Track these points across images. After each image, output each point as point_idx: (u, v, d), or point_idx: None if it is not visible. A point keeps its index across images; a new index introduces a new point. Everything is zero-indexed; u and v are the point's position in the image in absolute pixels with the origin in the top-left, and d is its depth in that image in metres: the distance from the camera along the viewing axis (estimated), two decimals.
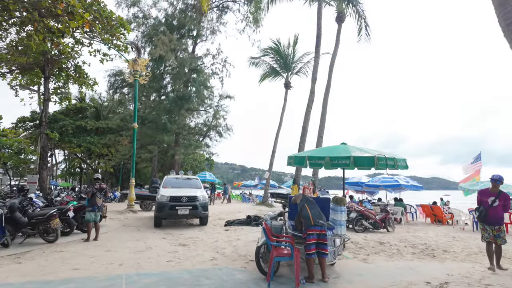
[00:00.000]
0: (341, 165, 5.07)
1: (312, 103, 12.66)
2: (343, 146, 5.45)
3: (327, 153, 5.11)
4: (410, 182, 14.57)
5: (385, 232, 10.40)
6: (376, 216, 10.55)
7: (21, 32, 16.45)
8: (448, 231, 11.17)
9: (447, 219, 13.29)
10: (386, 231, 10.56)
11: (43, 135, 17.08)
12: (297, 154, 5.54)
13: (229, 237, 8.54)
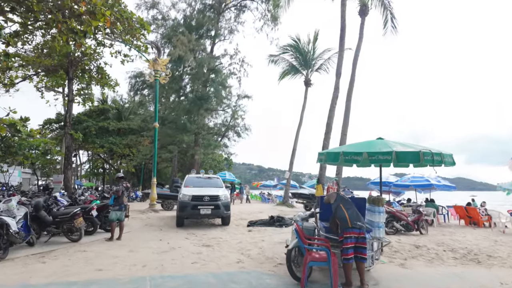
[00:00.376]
0: (381, 161, 4.62)
1: (336, 99, 12.14)
2: (380, 141, 4.99)
3: (364, 148, 4.67)
4: (441, 182, 13.74)
5: (419, 235, 9.76)
6: (408, 218, 9.92)
7: (46, 35, 16.88)
8: (488, 234, 10.36)
9: (483, 222, 12.40)
10: (419, 233, 9.91)
11: (67, 136, 17.42)
12: (329, 150, 5.12)
13: (253, 238, 8.22)
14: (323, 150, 11.98)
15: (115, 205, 7.78)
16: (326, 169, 11.70)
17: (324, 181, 11.83)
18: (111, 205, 7.91)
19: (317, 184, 12.18)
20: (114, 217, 7.67)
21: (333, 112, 12.00)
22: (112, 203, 7.88)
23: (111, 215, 7.69)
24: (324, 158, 5.15)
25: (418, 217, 10.01)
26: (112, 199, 7.97)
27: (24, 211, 6.34)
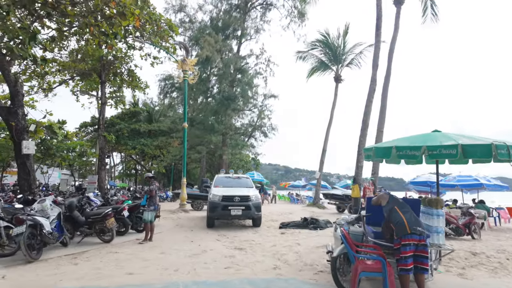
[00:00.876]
0: (444, 156, 3.98)
1: (373, 92, 11.34)
2: (439, 133, 4.33)
3: (421, 141, 4.05)
4: (492, 181, 12.44)
5: (471, 240, 8.78)
6: (458, 220, 8.98)
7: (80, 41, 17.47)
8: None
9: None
10: (471, 238, 8.93)
11: (101, 137, 17.92)
12: (378, 145, 4.53)
13: (287, 241, 7.74)
14: (359, 148, 11.25)
15: (149, 205, 7.57)
16: (363, 168, 10.97)
17: (361, 181, 11.10)
18: (144, 205, 7.74)
19: (354, 184, 11.52)
20: (149, 217, 7.49)
21: (370, 107, 11.21)
22: (145, 203, 7.71)
23: (147, 215, 7.48)
24: (372, 154, 4.57)
25: (469, 219, 9.03)
26: (145, 199, 7.80)
27: (57, 211, 6.31)
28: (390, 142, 4.50)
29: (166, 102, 32.04)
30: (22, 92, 10.30)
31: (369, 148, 4.75)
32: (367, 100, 11.19)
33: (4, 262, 5.29)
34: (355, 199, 11.26)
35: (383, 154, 4.43)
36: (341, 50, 22.10)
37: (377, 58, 11.68)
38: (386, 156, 4.46)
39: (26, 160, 9.30)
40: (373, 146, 4.57)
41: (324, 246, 6.95)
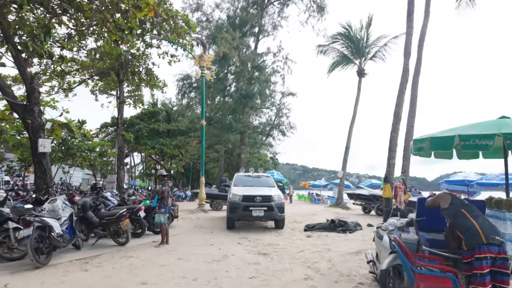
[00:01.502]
0: None
1: (406, 83, 10.37)
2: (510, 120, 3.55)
3: (495, 128, 3.28)
4: None
5: None
6: None
7: (98, 40, 17.42)
8: None
9: None
10: None
11: (119, 137, 17.83)
12: (435, 135, 3.76)
13: (315, 246, 7.03)
14: (391, 143, 10.35)
15: (160, 206, 6.96)
16: (395, 166, 10.06)
17: (393, 180, 10.19)
18: (155, 207, 7.09)
19: (385, 184, 10.62)
20: (161, 220, 6.94)
21: (402, 98, 10.25)
22: (156, 205, 7.04)
23: (158, 218, 6.94)
24: (426, 146, 3.80)
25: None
26: (156, 200, 7.10)
27: (69, 211, 5.90)
28: (451, 131, 3.73)
29: (184, 102, 31.98)
30: (38, 90, 10.10)
31: (422, 138, 3.97)
32: (399, 91, 10.25)
33: (11, 267, 4.90)
34: (387, 200, 10.36)
35: (442, 145, 3.66)
36: (364, 43, 21.03)
37: (409, 46, 10.69)
38: (446, 148, 3.70)
39: (42, 158, 9.06)
40: (429, 136, 3.79)
41: (359, 253, 6.22)
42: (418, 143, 4.01)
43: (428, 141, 3.78)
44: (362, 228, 9.84)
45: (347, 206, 19.81)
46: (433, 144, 3.73)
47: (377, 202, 15.16)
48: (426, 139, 3.83)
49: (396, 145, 10.20)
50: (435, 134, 3.90)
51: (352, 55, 21.60)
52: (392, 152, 10.13)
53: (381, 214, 15.38)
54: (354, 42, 21.14)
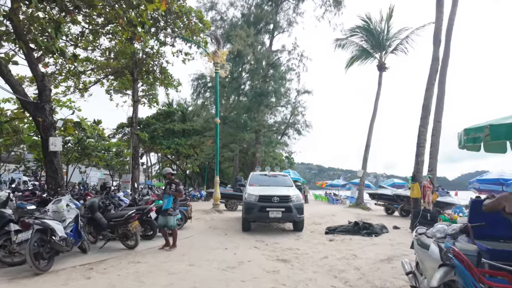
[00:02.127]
0: None
1: (436, 73, 9.49)
2: None
3: None
4: None
5: None
6: None
7: (113, 39, 17.35)
8: None
9: None
10: None
11: (134, 136, 17.68)
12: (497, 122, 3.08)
13: (339, 251, 6.39)
14: (419, 139, 9.53)
15: (175, 208, 6.53)
16: (424, 163, 9.22)
17: (422, 179, 9.37)
18: (168, 209, 6.42)
19: (413, 183, 9.81)
20: (174, 223, 6.50)
21: (432, 90, 9.36)
22: (170, 207, 6.45)
23: (172, 221, 6.43)
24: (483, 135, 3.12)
25: None
26: (170, 202, 6.46)
27: (75, 213, 5.54)
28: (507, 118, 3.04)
29: (199, 102, 31.81)
30: (50, 87, 9.91)
31: (477, 127, 3.28)
32: (428, 83, 9.40)
33: (10, 273, 4.55)
34: (415, 200, 9.55)
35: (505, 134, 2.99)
36: (384, 36, 20.04)
37: (439, 32, 9.79)
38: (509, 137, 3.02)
39: (53, 157, 8.83)
40: (488, 124, 3.12)
41: (390, 260, 5.56)
42: (473, 132, 3.31)
43: (487, 130, 3.09)
44: (388, 230, 9.11)
45: (367, 206, 18.94)
46: (494, 132, 3.04)
47: (401, 203, 14.29)
48: (484, 127, 3.15)
49: (425, 140, 9.37)
50: (496, 120, 3.21)
51: (371, 48, 20.65)
52: (421, 148, 9.30)
53: (405, 215, 14.48)
54: (374, 35, 20.19)
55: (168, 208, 6.44)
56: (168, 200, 6.48)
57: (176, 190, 6.53)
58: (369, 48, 20.61)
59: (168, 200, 6.48)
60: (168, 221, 6.41)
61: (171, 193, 6.51)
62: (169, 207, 6.44)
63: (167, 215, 6.38)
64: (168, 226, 6.45)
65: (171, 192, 6.50)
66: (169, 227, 6.45)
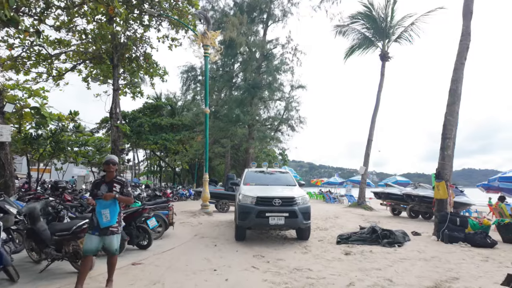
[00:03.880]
0: None
1: (466, 51, 7.98)
2: None
3: None
4: None
5: None
6: None
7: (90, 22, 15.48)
8: None
9: None
10: None
11: (113, 128, 15.83)
12: None
13: (365, 272, 4.84)
14: (445, 129, 8.04)
15: (120, 223, 4.02)
16: (450, 158, 7.76)
17: (449, 176, 7.91)
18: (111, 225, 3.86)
19: (439, 181, 8.36)
20: (90, 247, 3.77)
21: (461, 71, 7.85)
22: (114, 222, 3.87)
23: (115, 243, 3.90)
24: None
25: None
26: (114, 213, 3.88)
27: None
28: None
29: (189, 96, 30.06)
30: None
31: None
32: (457, 62, 7.92)
33: None
34: (440, 202, 8.08)
35: None
36: (388, 23, 18.62)
37: (470, 3, 8.30)
38: None
39: None
40: None
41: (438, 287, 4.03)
42: None
43: None
44: (410, 238, 7.64)
45: (370, 206, 17.58)
46: None
47: (411, 203, 12.91)
48: None
49: (453, 131, 7.91)
50: None
51: (373, 36, 19.22)
52: (448, 141, 7.82)
53: (414, 216, 13.14)
54: (376, 22, 18.74)
55: (111, 224, 3.82)
56: (111, 210, 3.85)
57: (123, 193, 3.97)
58: (370, 36, 19.17)
59: (110, 209, 3.85)
60: (110, 243, 3.84)
61: (116, 197, 3.89)
62: (113, 223, 3.85)
63: (109, 234, 3.83)
64: (111, 251, 3.88)
65: (115, 196, 3.86)
66: (112, 252, 3.90)
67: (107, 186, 3.90)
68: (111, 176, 3.99)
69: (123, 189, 3.97)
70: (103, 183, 3.95)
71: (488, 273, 4.75)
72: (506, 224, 7.60)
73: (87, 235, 3.84)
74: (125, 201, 4.06)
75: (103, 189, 3.88)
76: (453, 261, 5.47)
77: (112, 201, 3.88)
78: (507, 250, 6.57)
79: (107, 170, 3.98)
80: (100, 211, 3.80)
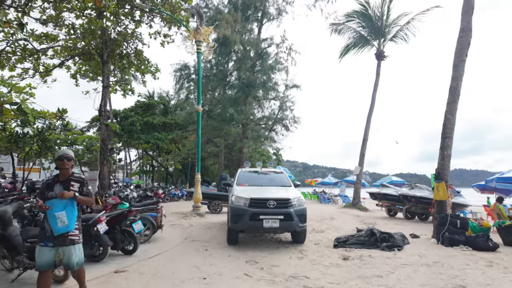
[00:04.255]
0: None
1: (468, 47, 7.75)
2: None
3: None
4: None
5: None
6: None
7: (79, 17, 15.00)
8: None
9: None
10: None
11: (102, 127, 15.31)
12: None
13: (365, 279, 4.53)
14: (445, 128, 7.80)
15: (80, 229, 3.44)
16: (451, 158, 7.53)
17: (447, 177, 7.67)
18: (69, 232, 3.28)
19: (438, 182, 8.10)
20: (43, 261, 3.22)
21: (462, 68, 7.58)
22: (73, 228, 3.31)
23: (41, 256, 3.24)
24: None
25: None
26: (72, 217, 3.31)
27: None
28: None
29: (182, 95, 29.60)
30: None
31: None
32: (457, 59, 7.67)
33: None
34: (439, 204, 7.84)
35: None
36: (384, 21, 18.44)
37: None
38: None
39: None
40: None
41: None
42: None
43: None
44: (409, 241, 7.37)
45: (365, 207, 17.37)
46: None
47: (408, 204, 12.70)
48: None
49: (453, 130, 7.67)
50: None
51: (369, 35, 19.02)
52: (448, 140, 7.58)
53: (411, 217, 12.94)
54: (372, 20, 18.55)
55: (69, 230, 3.23)
56: (68, 213, 3.25)
57: (83, 192, 3.41)
58: (366, 35, 18.96)
59: (68, 212, 3.24)
60: (69, 256, 3.23)
61: (75, 197, 3.29)
62: (72, 229, 3.25)
63: (68, 243, 3.22)
64: (70, 265, 3.27)
65: (73, 195, 3.26)
66: (71, 267, 3.28)
67: (62, 186, 3.31)
68: (66, 174, 3.39)
69: (82, 187, 3.41)
70: (57, 182, 3.36)
71: (496, 280, 4.47)
72: (507, 227, 7.38)
73: (38, 247, 3.25)
74: (85, 202, 3.45)
75: (58, 189, 3.29)
76: (456, 267, 5.19)
77: (69, 202, 3.27)
78: (509, 254, 6.33)
79: (60, 167, 3.35)
80: (54, 214, 3.16)
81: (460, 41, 7.84)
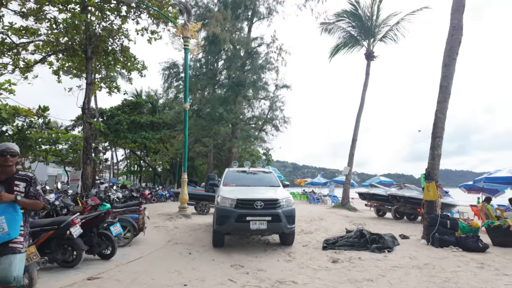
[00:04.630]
0: None
1: (458, 46, 7.67)
2: None
3: None
4: None
5: None
6: None
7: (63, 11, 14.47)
8: None
9: None
10: None
11: (85, 125, 14.77)
12: None
13: (355, 283, 4.32)
14: (435, 128, 7.70)
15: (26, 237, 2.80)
16: (440, 158, 7.43)
17: (437, 177, 7.58)
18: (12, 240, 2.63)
19: (428, 182, 8.00)
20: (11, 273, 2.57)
21: (452, 67, 7.48)
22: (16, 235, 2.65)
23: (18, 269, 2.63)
24: None
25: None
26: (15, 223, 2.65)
27: None
28: None
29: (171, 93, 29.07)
30: None
31: None
32: (447, 57, 7.58)
33: None
34: (429, 204, 7.73)
35: None
36: (374, 21, 18.45)
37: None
38: None
39: None
40: None
41: None
42: None
43: None
44: (399, 242, 7.22)
45: (354, 207, 17.31)
46: None
47: (396, 204, 12.64)
48: None
49: (443, 129, 7.59)
50: None
51: (359, 35, 19.00)
52: (438, 139, 7.49)
53: (399, 217, 12.88)
54: (362, 20, 18.54)
55: (10, 238, 2.62)
56: (8, 218, 2.61)
57: (29, 194, 2.78)
58: (356, 35, 18.94)
59: (7, 217, 2.60)
60: (8, 267, 2.57)
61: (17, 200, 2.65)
62: (15, 236, 2.64)
63: (9, 252, 2.61)
64: (6, 279, 2.55)
65: (14, 198, 2.63)
66: (7, 281, 2.56)
67: (2, 186, 2.69)
68: (9, 172, 2.77)
69: (29, 188, 2.80)
70: None
71: (489, 283, 4.32)
72: (496, 227, 7.32)
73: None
74: (30, 206, 2.77)
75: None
76: (448, 269, 5.04)
77: (10, 206, 2.64)
78: (499, 255, 6.24)
79: (3, 163, 2.73)
80: None
81: (450, 39, 7.77)
